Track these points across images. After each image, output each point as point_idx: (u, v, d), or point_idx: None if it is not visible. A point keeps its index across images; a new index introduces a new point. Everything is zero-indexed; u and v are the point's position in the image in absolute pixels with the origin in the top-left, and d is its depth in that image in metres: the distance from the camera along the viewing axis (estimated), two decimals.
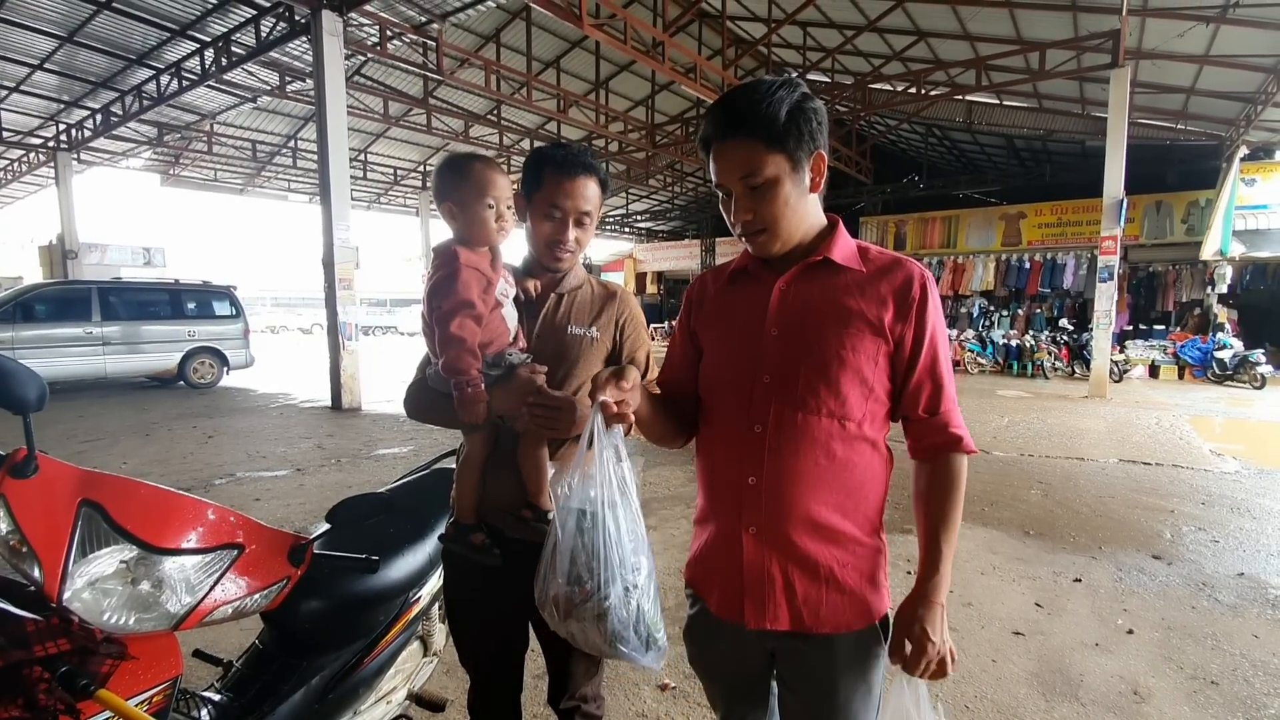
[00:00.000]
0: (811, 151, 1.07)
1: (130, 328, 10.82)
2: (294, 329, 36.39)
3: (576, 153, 1.43)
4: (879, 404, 1.11)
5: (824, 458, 1.08)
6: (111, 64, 12.19)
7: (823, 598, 1.10)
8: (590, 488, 1.05)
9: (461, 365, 1.28)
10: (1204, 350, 12.93)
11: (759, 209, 1.07)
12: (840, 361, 1.07)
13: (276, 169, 18.57)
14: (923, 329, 1.09)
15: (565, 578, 1.04)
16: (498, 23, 12.92)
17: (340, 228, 8.95)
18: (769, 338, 1.12)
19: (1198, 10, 9.13)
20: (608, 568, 1.04)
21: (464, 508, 1.47)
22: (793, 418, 1.09)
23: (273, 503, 4.76)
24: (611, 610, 1.04)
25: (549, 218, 1.41)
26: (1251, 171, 13.99)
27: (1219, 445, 6.94)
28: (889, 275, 1.11)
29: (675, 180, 21.99)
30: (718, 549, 1.17)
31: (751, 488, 1.10)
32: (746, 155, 1.05)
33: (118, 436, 7.17)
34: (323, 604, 1.42)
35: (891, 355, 1.10)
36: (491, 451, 1.45)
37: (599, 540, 1.05)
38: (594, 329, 1.48)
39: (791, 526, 1.09)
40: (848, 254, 1.13)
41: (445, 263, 1.32)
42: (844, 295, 1.10)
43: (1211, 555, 3.83)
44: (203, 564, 1.05)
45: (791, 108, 1.03)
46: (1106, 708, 2.33)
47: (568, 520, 1.07)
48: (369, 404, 9.47)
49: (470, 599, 1.51)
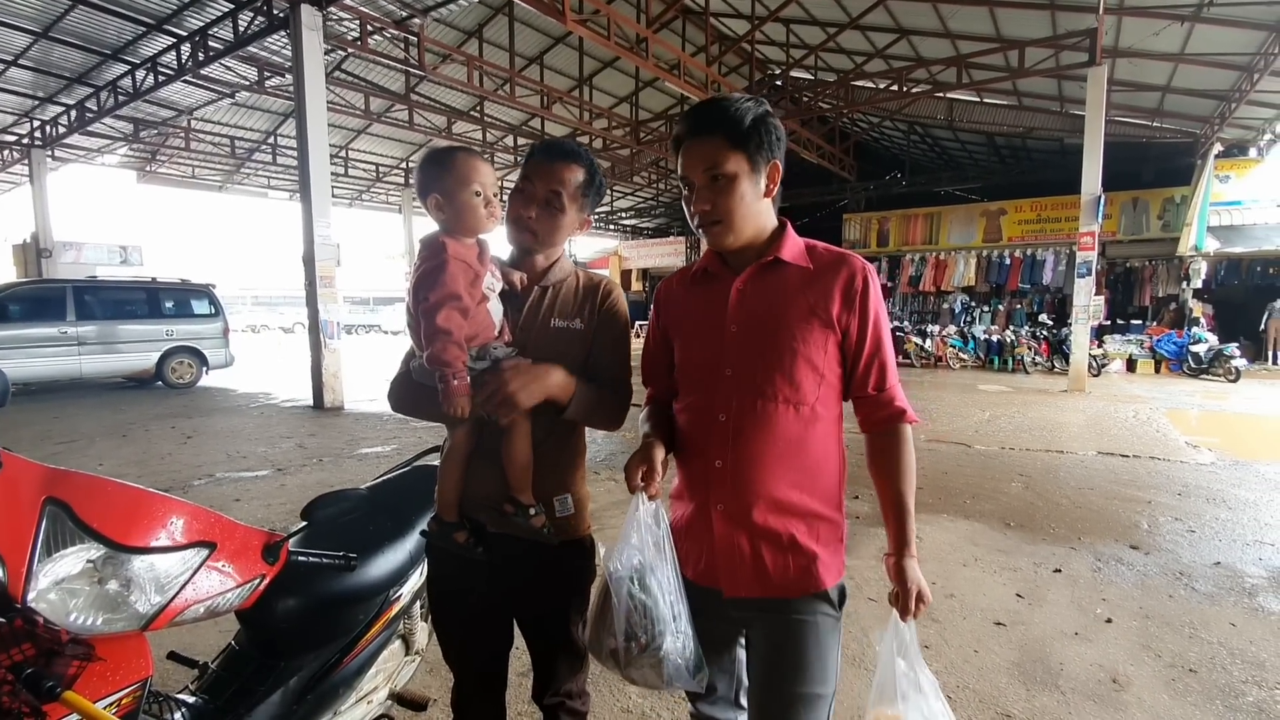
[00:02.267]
0: (769, 160, 1.20)
1: (106, 327, 10.62)
2: (275, 328, 36.00)
3: (565, 141, 1.44)
4: (830, 388, 1.23)
5: (782, 440, 1.20)
6: (87, 59, 11.97)
7: (787, 564, 1.21)
8: (635, 557, 1.20)
9: (447, 357, 1.26)
10: (1180, 344, 13.16)
11: (717, 200, 1.19)
12: (793, 353, 1.19)
13: (256, 165, 18.32)
14: (866, 317, 1.21)
15: (623, 636, 1.18)
16: (480, 18, 12.83)
17: (321, 225, 8.84)
18: (729, 334, 1.24)
19: (1173, 9, 9.27)
20: (658, 623, 1.17)
21: (446, 503, 1.45)
22: (752, 405, 1.20)
23: (253, 503, 4.69)
24: (666, 657, 1.17)
25: (519, 193, 1.42)
26: (1226, 168, 14.26)
27: (1195, 438, 7.06)
28: (834, 270, 1.22)
29: (660, 177, 21.99)
30: (693, 524, 1.28)
31: (718, 470, 1.23)
32: (712, 150, 1.18)
33: (93, 438, 7.04)
34: (300, 603, 1.39)
35: (840, 343, 1.22)
36: (476, 446, 1.43)
37: (648, 601, 1.18)
38: (577, 321, 1.46)
39: (755, 504, 1.20)
40: (796, 253, 1.25)
41: (432, 254, 1.30)
42: (794, 291, 1.22)
43: (1188, 545, 3.89)
44: (173, 563, 1.02)
45: (756, 118, 1.18)
46: (1086, 696, 2.36)
47: (620, 589, 1.19)
48: (351, 403, 9.38)
49: (453, 595, 1.49)
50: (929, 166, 21.07)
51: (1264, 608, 3.08)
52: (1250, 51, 9.96)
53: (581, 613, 1.51)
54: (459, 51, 12.02)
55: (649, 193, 24.67)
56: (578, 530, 1.49)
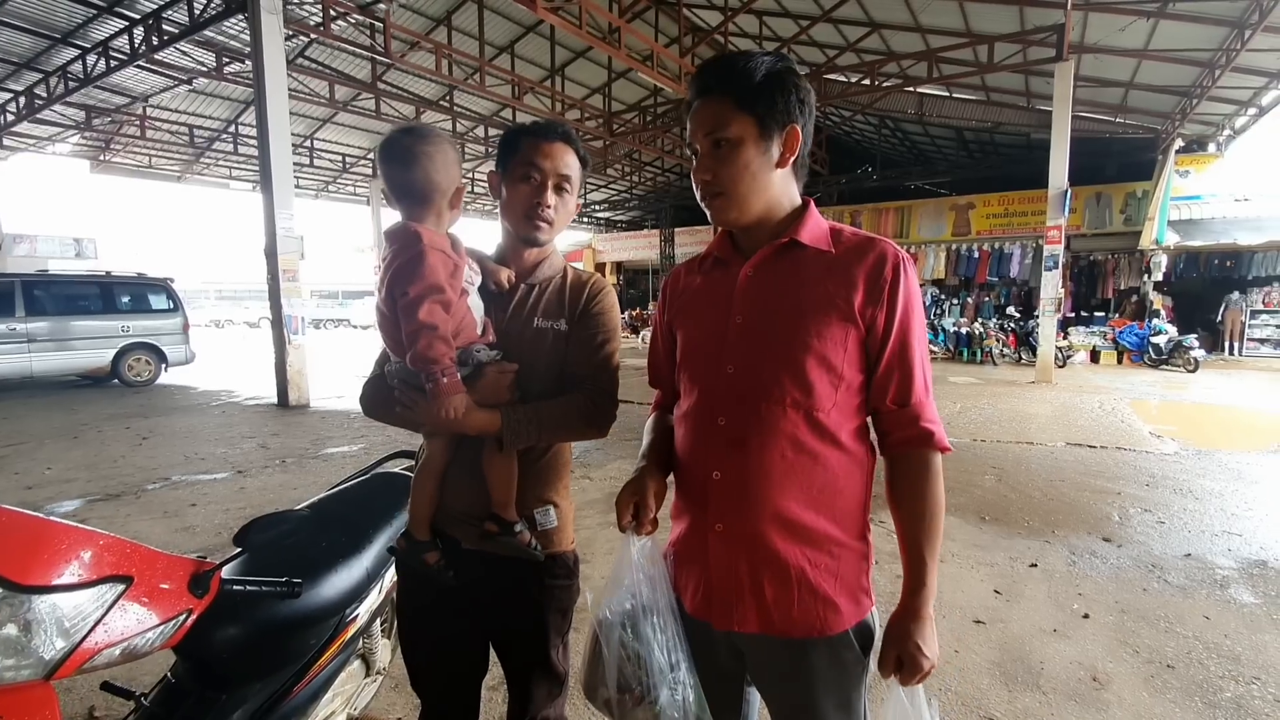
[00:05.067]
0: (785, 124, 1.03)
1: (59, 323, 10.15)
2: (240, 323, 35.10)
3: (556, 122, 1.33)
4: (851, 394, 1.05)
5: (791, 451, 1.02)
6: (36, 43, 11.42)
7: (794, 599, 1.03)
8: (626, 601, 1.09)
9: (434, 354, 1.14)
10: (1141, 336, 13.46)
11: (718, 169, 1.03)
12: (806, 349, 1.01)
13: (217, 155, 17.69)
14: (893, 313, 1.02)
15: (615, 688, 1.08)
16: (448, 5, 12.53)
17: (283, 216, 8.54)
18: (733, 325, 1.07)
19: (1139, 4, 9.40)
20: (652, 674, 1.05)
21: (418, 520, 1.34)
22: (755, 409, 1.03)
23: (210, 508, 4.49)
24: (663, 712, 1.05)
25: (526, 180, 1.29)
26: (1186, 164, 14.59)
27: (1158, 427, 7.20)
28: (860, 256, 1.04)
29: (634, 170, 21.80)
30: (690, 544, 1.12)
31: (716, 483, 1.06)
32: (715, 111, 1.03)
33: (42, 440, 6.71)
34: (242, 631, 1.27)
35: (863, 341, 1.03)
36: (454, 457, 1.32)
37: (642, 650, 1.06)
38: (562, 322, 1.36)
39: (758, 524, 1.03)
40: (817, 235, 1.07)
41: (407, 245, 1.18)
42: (811, 278, 1.05)
43: (1159, 536, 3.93)
44: (81, 601, 0.90)
45: (769, 73, 1.01)
46: (1068, 696, 2.33)
47: (611, 636, 1.09)
48: (318, 400, 9.12)
49: (424, 617, 1.38)
50: (900, 161, 21.27)
51: (1236, 599, 3.10)
52: (1212, 47, 10.16)
53: (562, 633, 1.42)
54: (427, 39, 11.70)
55: (623, 185, 24.46)
56: (560, 545, 1.39)
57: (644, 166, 21.78)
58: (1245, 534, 3.96)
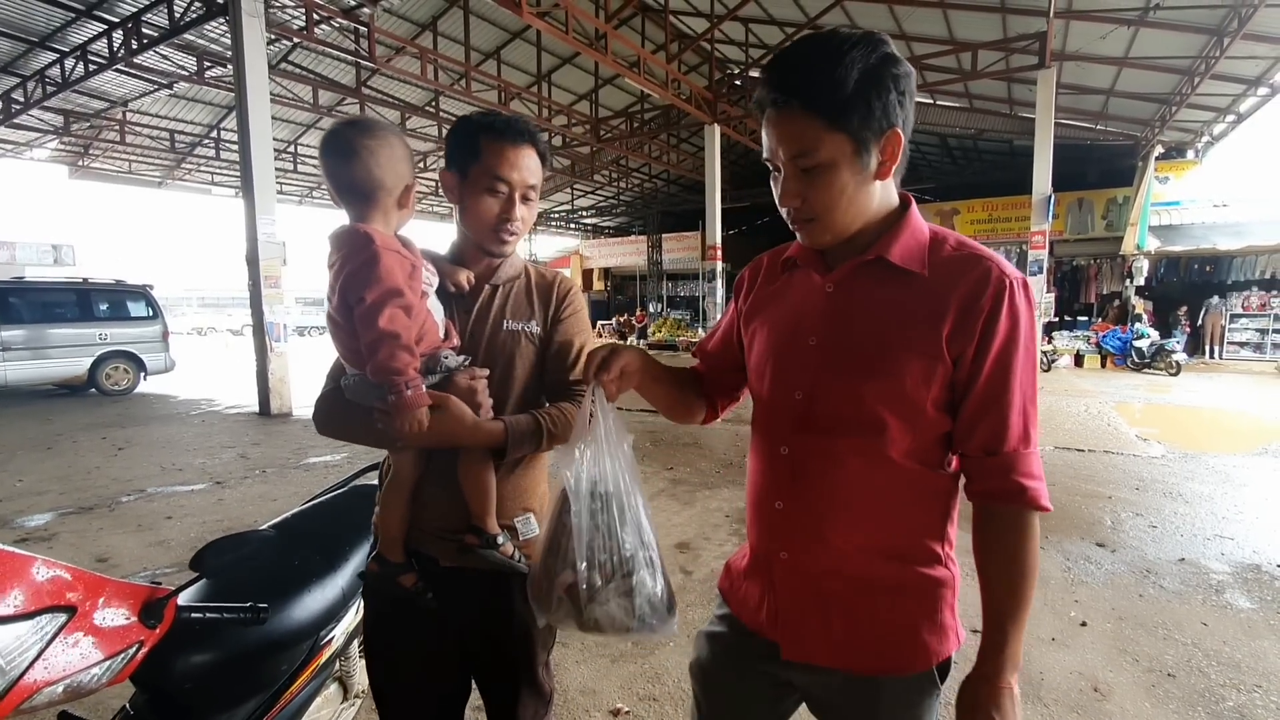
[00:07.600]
0: (884, 130, 0.87)
1: (34, 331, 9.91)
2: (223, 330, 34.66)
3: (514, 119, 1.23)
4: (935, 434, 0.93)
5: (857, 489, 0.93)
6: (13, 47, 11.17)
7: (866, 635, 0.95)
8: (600, 461, 0.99)
9: (397, 364, 1.06)
10: (1124, 340, 13.57)
11: (809, 195, 0.90)
12: (885, 381, 0.90)
13: (198, 161, 17.43)
14: (987, 346, 0.87)
15: (585, 563, 0.97)
16: (434, 10, 12.44)
17: (265, 222, 8.40)
18: (806, 348, 0.97)
19: (1120, 12, 9.51)
20: (627, 544, 0.98)
21: (390, 541, 1.25)
22: (819, 442, 0.95)
23: (186, 521, 4.36)
24: (640, 587, 0.98)
25: (493, 193, 1.21)
26: (1165, 170, 14.78)
27: (1143, 430, 7.23)
28: (956, 279, 0.90)
29: (621, 175, 21.80)
30: (757, 563, 1.05)
31: (779, 512, 0.99)
32: (799, 132, 0.86)
33: (14, 451, 6.52)
34: (205, 659, 1.18)
35: (951, 378, 0.90)
36: (424, 470, 1.24)
37: (615, 518, 0.99)
38: (533, 323, 1.30)
39: (821, 558, 0.96)
40: (910, 250, 0.93)
41: (358, 248, 1.09)
42: (897, 303, 0.92)
43: (1152, 541, 3.91)
44: (18, 634, 0.82)
45: (864, 74, 0.84)
46: (1070, 707, 2.28)
47: (581, 504, 0.98)
48: (300, 409, 8.94)
49: (397, 646, 1.29)
50: None
51: (1232, 604, 3.08)
52: (1191, 55, 10.30)
53: (548, 647, 1.35)
54: (412, 44, 11.61)
55: (610, 191, 24.43)
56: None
57: (631, 172, 21.76)
58: (1237, 538, 3.95)
